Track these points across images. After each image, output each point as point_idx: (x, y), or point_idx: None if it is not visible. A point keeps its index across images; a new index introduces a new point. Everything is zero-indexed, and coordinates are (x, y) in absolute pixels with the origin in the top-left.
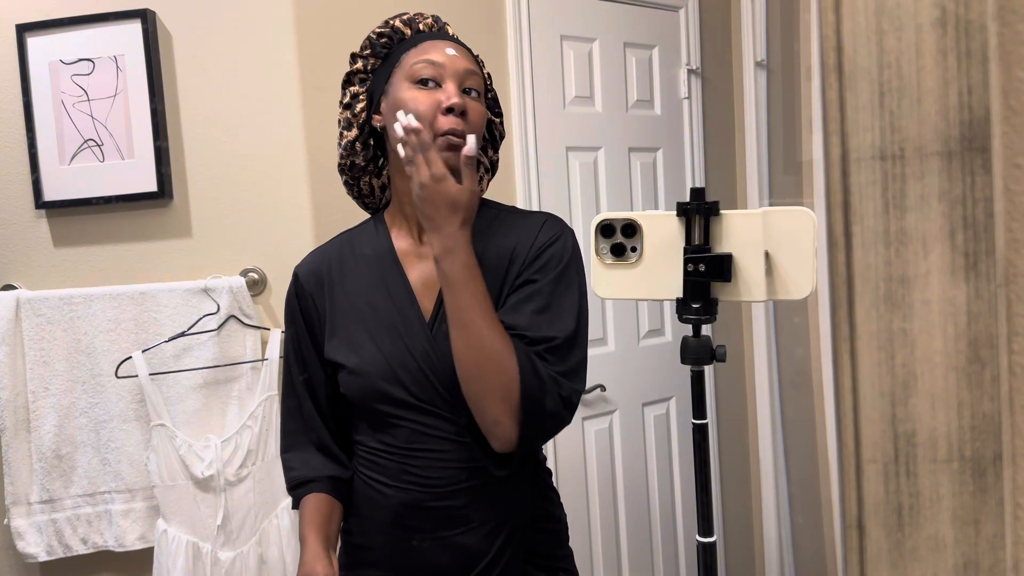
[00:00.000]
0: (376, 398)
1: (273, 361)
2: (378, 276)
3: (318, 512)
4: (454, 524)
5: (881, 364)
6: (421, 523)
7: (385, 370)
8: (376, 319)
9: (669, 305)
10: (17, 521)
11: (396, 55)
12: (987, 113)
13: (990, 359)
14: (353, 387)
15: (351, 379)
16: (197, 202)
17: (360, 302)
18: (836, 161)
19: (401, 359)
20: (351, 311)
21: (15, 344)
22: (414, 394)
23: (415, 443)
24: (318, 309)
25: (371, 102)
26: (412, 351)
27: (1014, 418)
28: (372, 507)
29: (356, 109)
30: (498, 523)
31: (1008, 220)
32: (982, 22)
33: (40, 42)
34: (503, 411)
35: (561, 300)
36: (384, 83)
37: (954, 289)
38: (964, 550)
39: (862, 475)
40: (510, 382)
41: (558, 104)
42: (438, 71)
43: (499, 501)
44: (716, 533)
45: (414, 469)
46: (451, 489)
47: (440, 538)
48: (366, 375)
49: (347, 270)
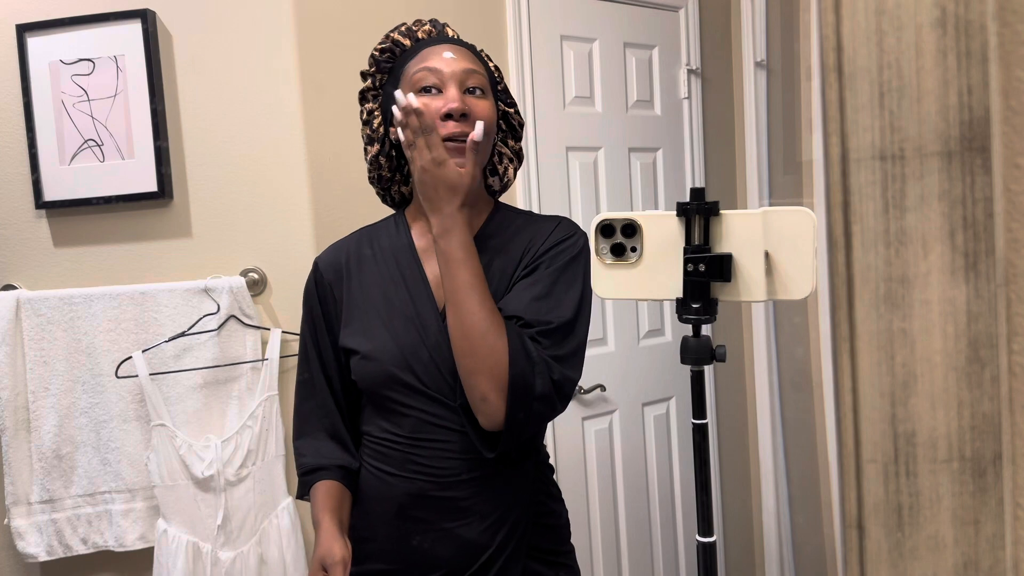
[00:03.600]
0: (386, 384)
1: (273, 361)
2: (395, 269)
3: (330, 497)
4: (456, 516)
5: (881, 364)
6: (425, 514)
7: (397, 357)
8: (391, 309)
9: (669, 305)
10: (17, 521)
11: (400, 67)
12: (987, 113)
13: (990, 359)
14: (365, 372)
15: (363, 364)
16: (197, 202)
17: (376, 293)
18: (836, 161)
19: (413, 347)
20: (367, 301)
21: (15, 344)
22: (423, 382)
23: (421, 432)
24: (336, 298)
25: (386, 116)
26: (425, 340)
27: (1014, 418)
28: (377, 498)
29: (374, 125)
30: (500, 516)
31: (1008, 220)
32: (982, 22)
33: (40, 42)
34: (490, 387)
35: (562, 290)
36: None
37: (954, 289)
38: (964, 550)
39: (862, 475)
40: (499, 359)
41: (558, 104)
42: (438, 77)
43: (501, 494)
44: (716, 533)
45: (419, 458)
46: (454, 480)
47: (443, 530)
48: (378, 360)
49: (365, 262)
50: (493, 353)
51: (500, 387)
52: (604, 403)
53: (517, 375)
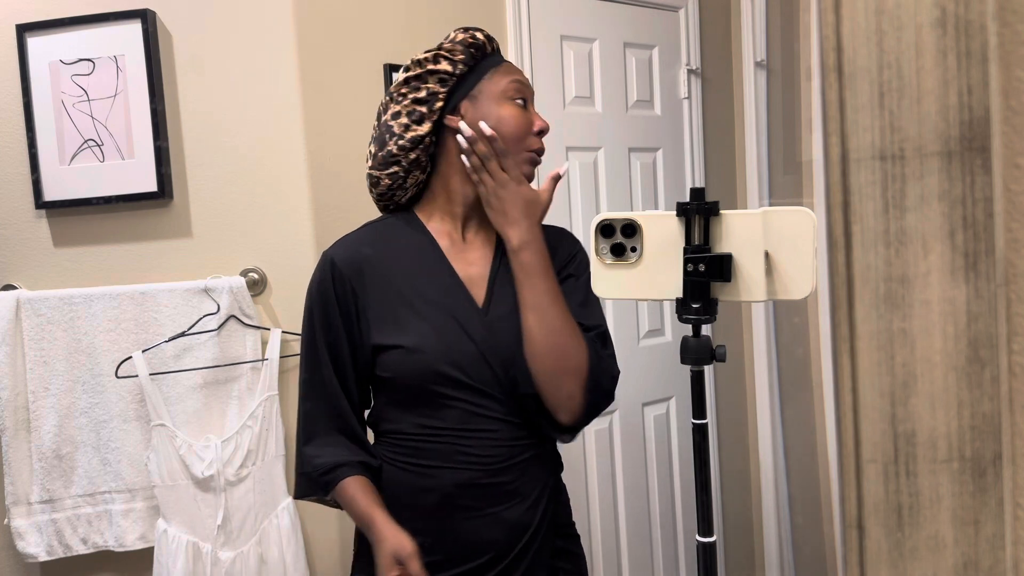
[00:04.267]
0: (431, 378)
1: (273, 361)
2: (420, 266)
3: (370, 490)
4: (503, 499)
5: (881, 364)
6: (472, 501)
7: (443, 351)
8: (427, 305)
9: (669, 305)
10: (17, 521)
11: (484, 67)
12: (987, 113)
13: (990, 359)
14: (407, 367)
15: (407, 359)
16: (197, 202)
17: (406, 289)
18: (836, 161)
19: (459, 342)
20: (398, 297)
21: (15, 344)
22: (470, 375)
23: (469, 424)
24: (356, 294)
25: (447, 103)
26: (471, 335)
27: (1014, 418)
28: (411, 493)
29: (434, 106)
30: (538, 495)
31: (1008, 220)
32: (982, 22)
33: (40, 42)
34: (577, 386)
35: (594, 299)
36: (470, 90)
37: (954, 289)
38: (964, 550)
39: (862, 475)
40: (582, 361)
41: (558, 104)
42: (526, 93)
43: (539, 475)
44: (716, 533)
45: (469, 448)
46: (503, 466)
47: (490, 515)
48: (422, 355)
49: (387, 258)
50: (578, 356)
51: (583, 385)
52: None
53: (594, 374)
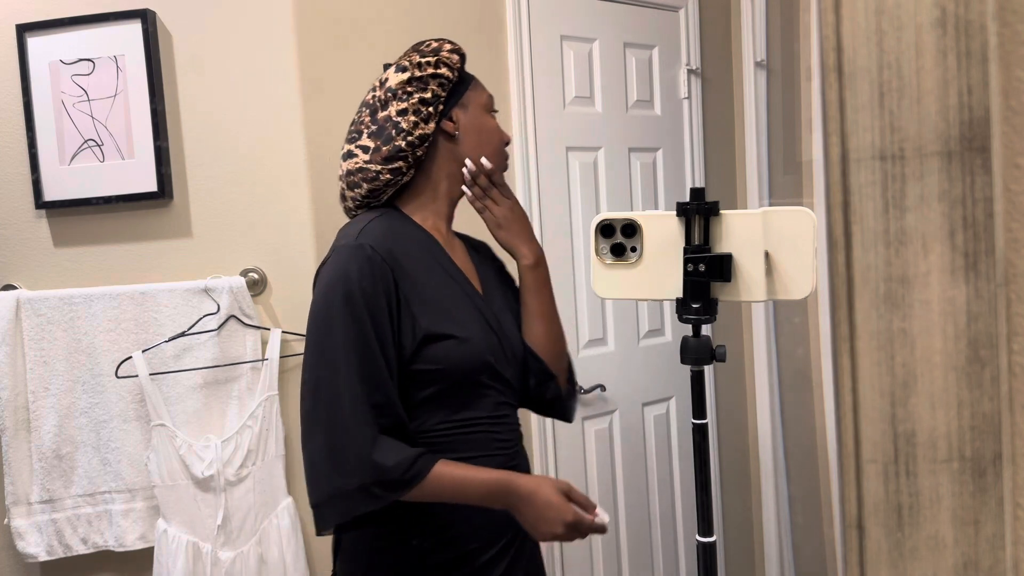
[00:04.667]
0: (480, 368)
1: (273, 361)
2: (433, 260)
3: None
4: None
5: (881, 364)
6: None
7: (486, 340)
8: (453, 297)
9: (669, 305)
10: (17, 521)
11: (467, 78)
12: (987, 113)
13: (990, 359)
14: (456, 357)
15: (458, 348)
16: (197, 202)
17: (435, 280)
18: (836, 161)
19: (490, 333)
20: (434, 287)
21: (15, 344)
22: (500, 363)
23: (498, 411)
24: (397, 284)
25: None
26: (493, 327)
27: (1014, 418)
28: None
29: (437, 108)
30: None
31: (1008, 220)
32: (982, 22)
33: (40, 42)
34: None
35: None
36: (460, 98)
37: (954, 289)
38: (964, 550)
39: (862, 475)
40: (569, 359)
41: (558, 104)
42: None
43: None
44: (716, 533)
45: (499, 435)
46: (516, 448)
47: None
48: (472, 344)
49: (409, 250)
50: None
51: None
52: (604, 403)
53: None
